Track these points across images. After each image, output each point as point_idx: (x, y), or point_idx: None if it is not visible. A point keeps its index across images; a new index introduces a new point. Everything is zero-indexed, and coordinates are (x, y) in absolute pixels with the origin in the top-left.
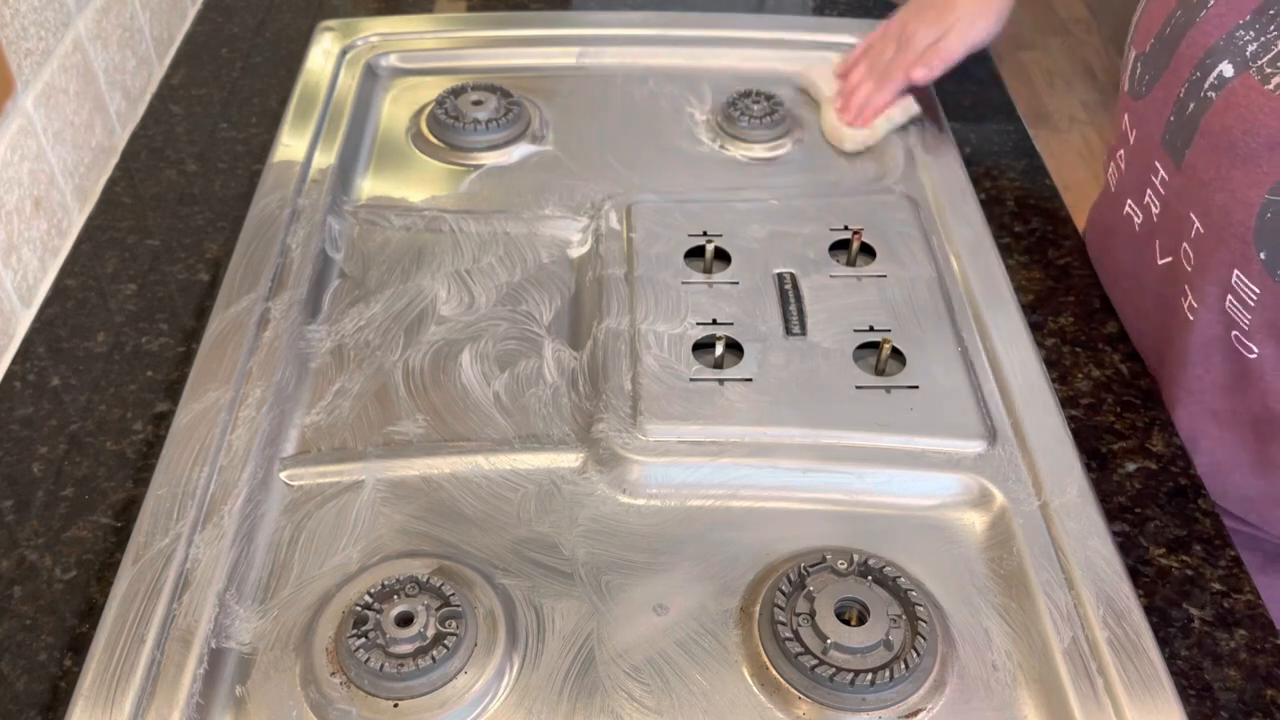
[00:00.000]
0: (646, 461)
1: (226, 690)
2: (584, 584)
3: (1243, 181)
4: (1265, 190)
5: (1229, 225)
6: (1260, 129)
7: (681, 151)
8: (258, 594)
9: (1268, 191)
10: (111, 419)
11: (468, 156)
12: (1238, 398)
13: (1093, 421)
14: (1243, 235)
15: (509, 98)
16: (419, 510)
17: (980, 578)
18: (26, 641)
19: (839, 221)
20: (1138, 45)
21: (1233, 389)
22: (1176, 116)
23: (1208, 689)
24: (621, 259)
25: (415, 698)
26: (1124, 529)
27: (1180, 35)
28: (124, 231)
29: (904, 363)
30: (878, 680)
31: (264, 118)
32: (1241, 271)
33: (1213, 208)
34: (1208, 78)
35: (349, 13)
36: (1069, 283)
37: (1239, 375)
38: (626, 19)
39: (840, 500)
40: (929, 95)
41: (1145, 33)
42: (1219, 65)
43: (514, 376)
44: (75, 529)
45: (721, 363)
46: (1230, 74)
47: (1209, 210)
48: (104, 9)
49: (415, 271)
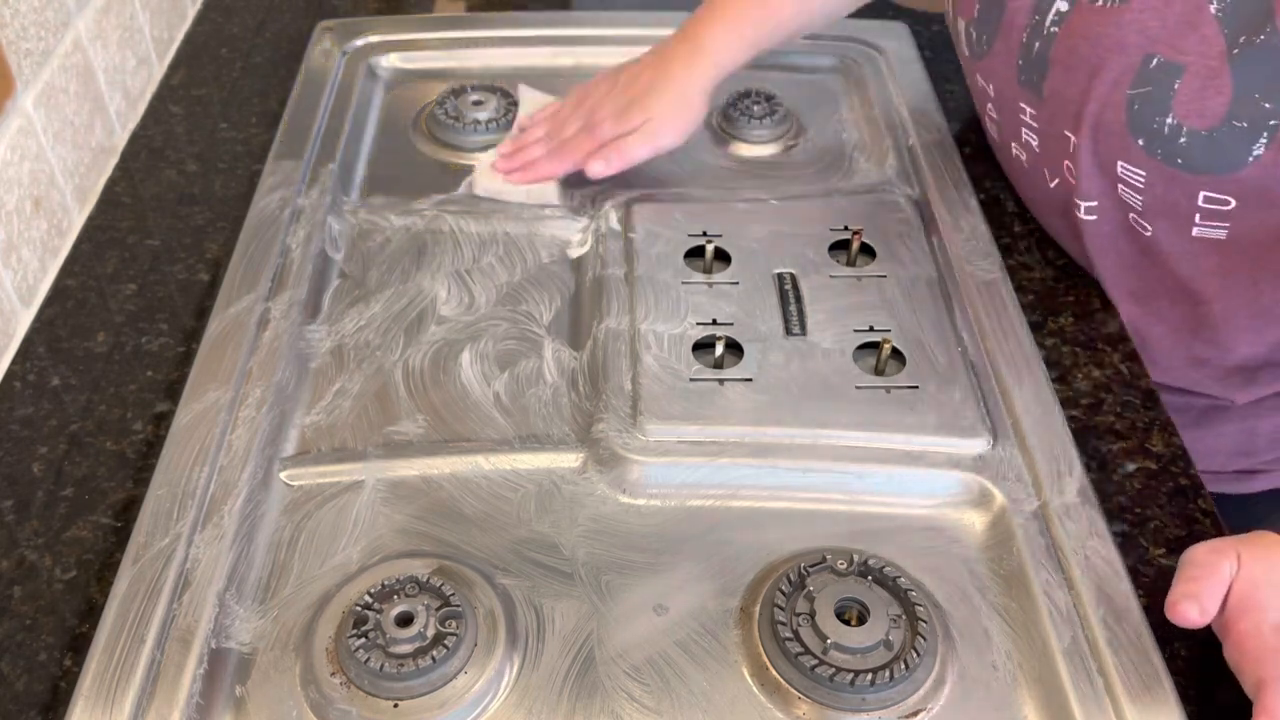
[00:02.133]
0: (646, 461)
1: (226, 690)
2: (584, 584)
3: (1103, 86)
4: (1126, 87)
5: (1104, 126)
6: (1102, 39)
7: (681, 151)
8: (258, 594)
9: (1129, 87)
10: (111, 419)
11: (468, 157)
12: (1147, 274)
13: (1093, 421)
14: (1119, 131)
15: (509, 98)
16: (419, 510)
17: (980, 578)
18: (26, 641)
19: (839, 221)
20: (963, 14)
21: (1140, 267)
22: (1024, 59)
23: (1208, 689)
24: (621, 259)
25: (415, 698)
26: (1124, 529)
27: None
28: (124, 231)
29: (904, 363)
30: (878, 680)
31: (264, 118)
32: (1124, 161)
33: (1085, 117)
34: (1046, 17)
35: (349, 13)
36: (1069, 283)
37: (1142, 252)
38: (626, 19)
39: (840, 500)
40: (929, 95)
41: (966, 4)
42: (1053, 5)
43: (514, 376)
44: (75, 529)
45: (721, 363)
46: (1066, 8)
47: (1082, 121)
48: (104, 9)
49: (415, 271)
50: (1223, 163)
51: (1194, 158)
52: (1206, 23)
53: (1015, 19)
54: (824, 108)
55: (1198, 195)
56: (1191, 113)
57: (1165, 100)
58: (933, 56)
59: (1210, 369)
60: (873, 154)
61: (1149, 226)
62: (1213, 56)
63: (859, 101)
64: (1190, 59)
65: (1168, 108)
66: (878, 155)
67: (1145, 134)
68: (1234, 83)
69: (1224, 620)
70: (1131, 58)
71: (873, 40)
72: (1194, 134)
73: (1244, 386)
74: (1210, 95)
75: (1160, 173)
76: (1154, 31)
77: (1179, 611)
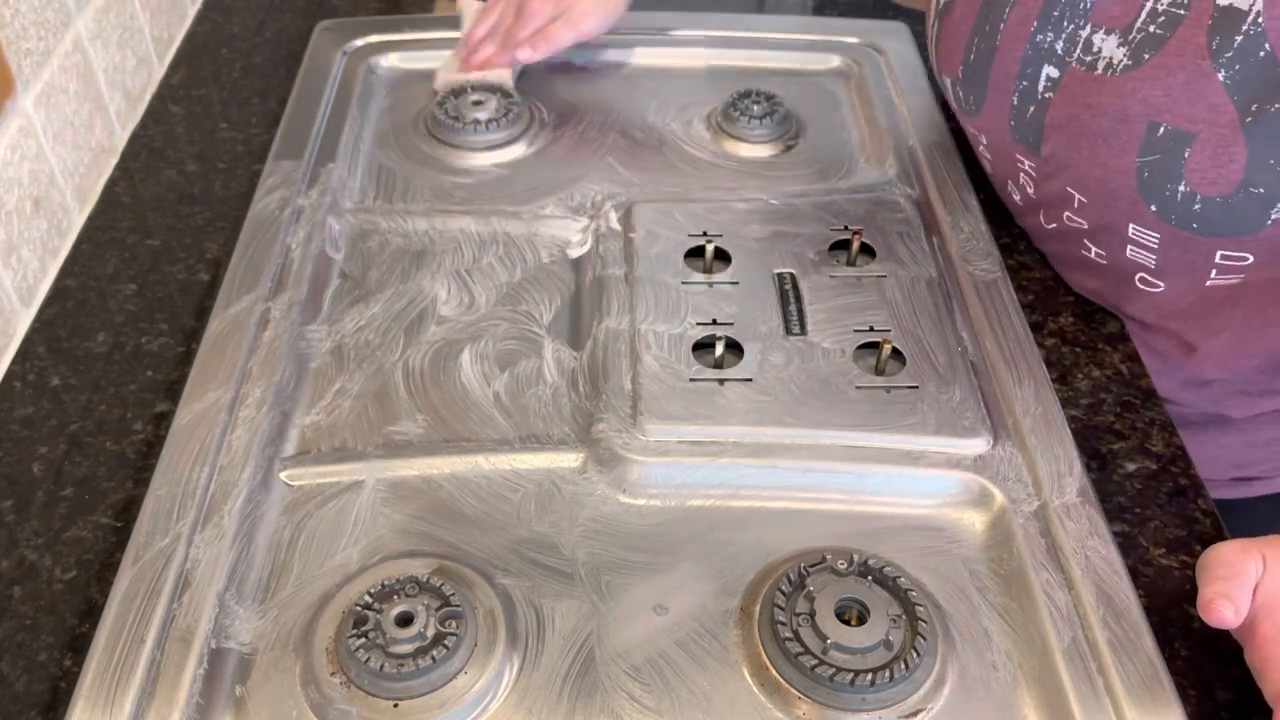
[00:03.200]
0: (646, 461)
1: (226, 690)
2: (584, 584)
3: (1110, 154)
4: (1134, 155)
5: (1112, 192)
6: (1107, 108)
7: (681, 151)
8: (258, 594)
9: (1137, 155)
10: (111, 419)
11: (468, 157)
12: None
13: (1093, 421)
14: (1128, 196)
15: (509, 98)
16: (419, 510)
17: (980, 578)
18: (26, 641)
19: (839, 221)
20: (948, 72)
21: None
22: (1017, 121)
23: (1208, 689)
24: (621, 259)
25: (415, 698)
26: (1124, 529)
27: (988, 60)
28: (124, 231)
29: (904, 363)
30: (878, 680)
31: (264, 118)
32: (1136, 224)
33: (1089, 181)
34: (1036, 84)
35: (349, 13)
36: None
37: (1151, 305)
38: (626, 19)
39: (840, 500)
40: (929, 95)
41: (950, 63)
42: (1041, 71)
43: (514, 376)
44: (75, 529)
45: (721, 363)
46: (1057, 75)
47: (1086, 184)
48: (104, 9)
49: (415, 271)
50: (1241, 227)
51: (1210, 223)
52: (1215, 91)
53: (1002, 83)
54: (824, 108)
55: (1214, 254)
56: (1204, 181)
57: (1177, 168)
58: None
59: (1208, 391)
60: (873, 154)
61: (1160, 284)
62: (1224, 125)
63: (859, 101)
64: (1200, 128)
65: (1180, 175)
66: (878, 155)
67: (1157, 200)
68: (1249, 150)
69: (1248, 624)
70: (1136, 126)
71: (873, 40)
72: (1209, 200)
73: (1241, 405)
74: (1223, 164)
75: (1174, 236)
76: (1159, 101)
77: (1214, 610)
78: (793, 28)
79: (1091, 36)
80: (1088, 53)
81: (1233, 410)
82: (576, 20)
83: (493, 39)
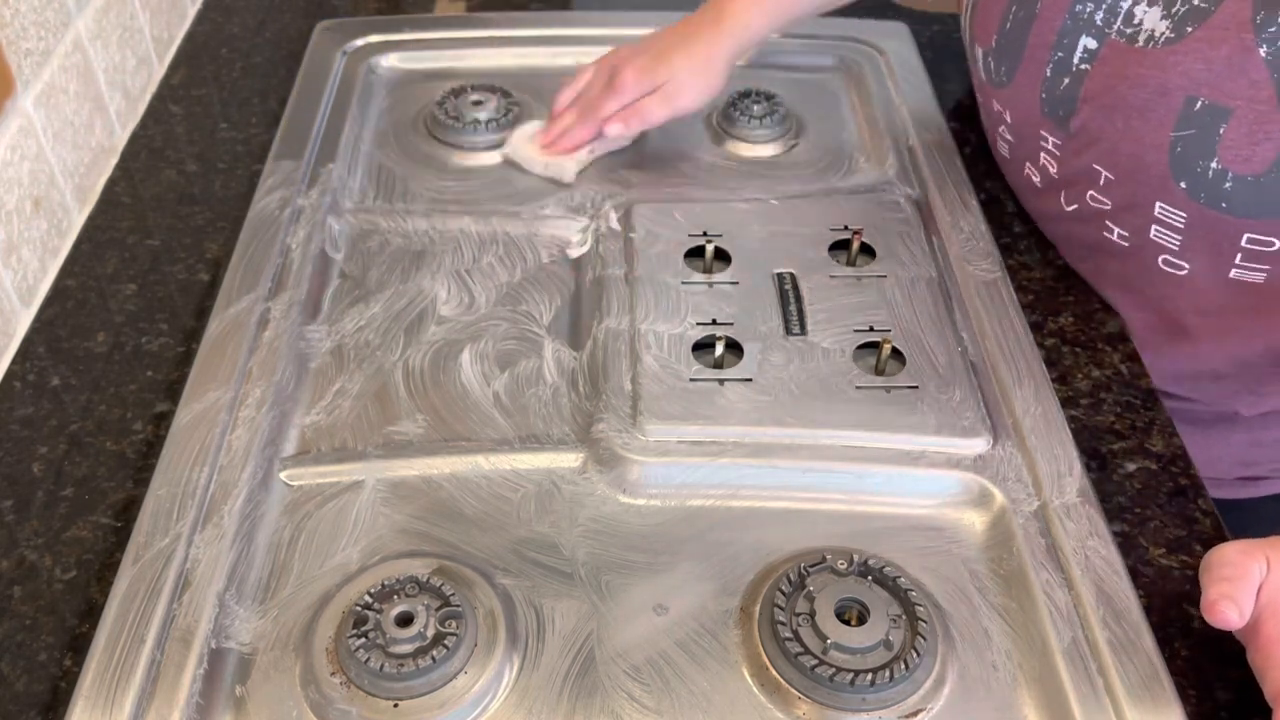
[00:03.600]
0: (646, 461)
1: (226, 690)
2: (584, 584)
3: (1145, 128)
4: (1170, 130)
5: (1143, 168)
6: (1146, 81)
7: (681, 151)
8: (258, 594)
9: (1172, 130)
10: (111, 419)
11: (468, 157)
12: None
13: (1093, 421)
14: (1159, 173)
15: (509, 98)
16: (419, 510)
17: (980, 578)
18: (26, 641)
19: (839, 221)
20: (980, 42)
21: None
22: (1049, 94)
23: (1208, 689)
24: (621, 259)
25: (415, 698)
26: (1124, 529)
27: (1025, 28)
28: (124, 231)
29: (904, 363)
30: (878, 680)
31: (264, 118)
32: (1164, 202)
33: (1121, 157)
34: (1073, 55)
35: (349, 13)
36: (1069, 283)
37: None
38: (626, 19)
39: (840, 500)
40: (929, 95)
41: (984, 30)
42: (1079, 42)
43: (514, 376)
44: (75, 529)
45: (721, 363)
46: (1095, 45)
47: (1117, 160)
48: (104, 9)
49: (415, 271)
50: (1270, 208)
51: (1239, 202)
52: (1256, 67)
53: (1037, 53)
54: (824, 108)
55: (1241, 237)
56: (1238, 158)
57: (1210, 144)
58: (933, 56)
59: (1219, 386)
60: (873, 154)
61: (1185, 265)
62: (1262, 101)
63: (859, 101)
64: (1239, 103)
65: (1212, 151)
66: (878, 155)
67: (1188, 177)
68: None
69: (1251, 624)
70: (1174, 100)
71: (873, 40)
72: (1240, 179)
73: (1251, 402)
74: (1259, 141)
75: (1202, 215)
76: (1199, 75)
77: (1219, 612)
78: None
79: (1134, 8)
80: (1129, 24)
81: (1242, 407)
82: (672, 95)
83: (576, 109)
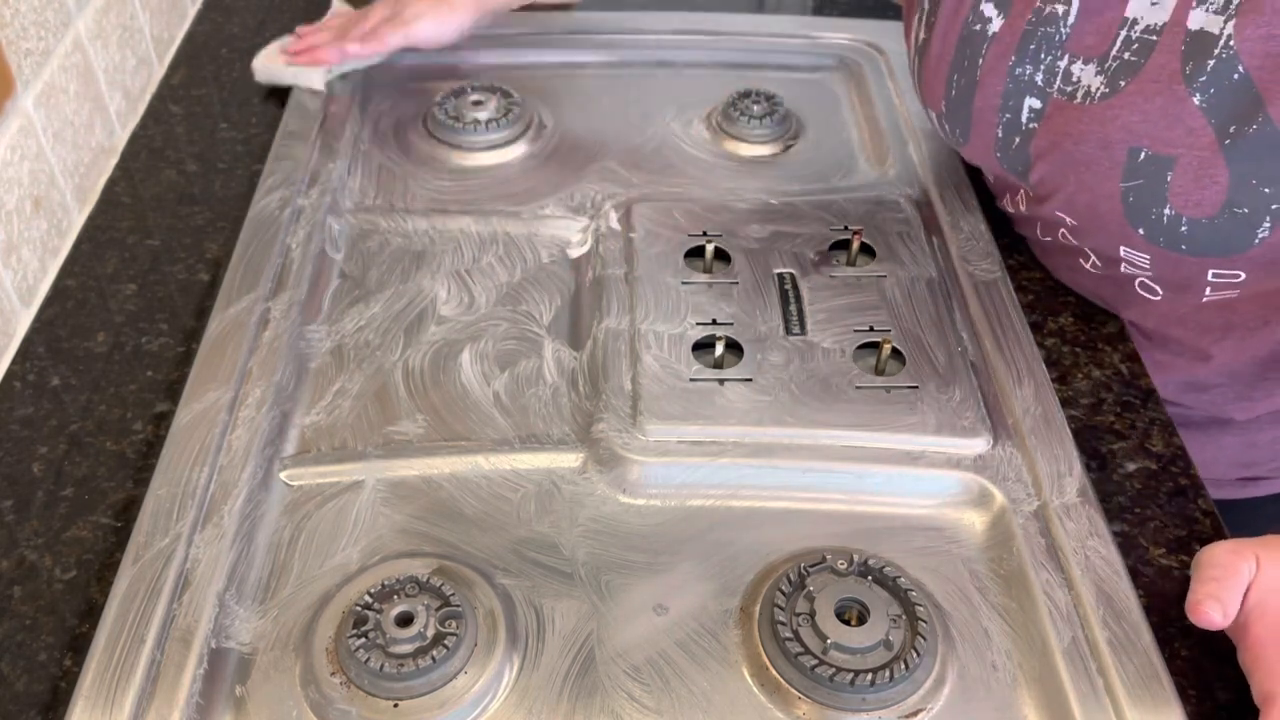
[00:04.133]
0: (646, 461)
1: (226, 690)
2: (584, 584)
3: (1096, 180)
4: (1119, 180)
5: (1099, 216)
6: (1088, 136)
7: (681, 151)
8: (258, 594)
9: (1121, 180)
10: (111, 419)
11: (468, 157)
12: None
13: (1093, 421)
14: (1115, 220)
15: (509, 98)
16: (419, 510)
17: (980, 578)
18: (26, 641)
19: (839, 221)
20: (932, 106)
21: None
22: (1003, 152)
23: (1208, 689)
24: (621, 259)
25: (415, 698)
26: (1124, 529)
27: (969, 94)
28: (124, 231)
29: (904, 363)
30: (878, 680)
31: (264, 118)
32: (1126, 246)
33: (1078, 205)
34: (1020, 115)
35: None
36: None
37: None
38: (626, 19)
39: (840, 500)
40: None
41: (933, 98)
42: (1024, 103)
43: (514, 376)
44: (75, 529)
45: (721, 363)
46: (1039, 105)
47: (1075, 208)
48: (104, 9)
49: (415, 271)
50: (1229, 247)
51: (1197, 243)
52: (1191, 115)
53: (985, 115)
54: (824, 108)
55: (1206, 272)
56: (1189, 204)
57: (1160, 191)
58: None
59: (1209, 395)
60: (873, 154)
61: (1159, 291)
62: (1203, 148)
63: (859, 101)
64: (1180, 151)
65: (1164, 199)
66: (878, 155)
67: (1144, 224)
68: (1230, 172)
69: (1240, 623)
70: (1118, 152)
71: (873, 40)
72: (1194, 222)
73: (1242, 408)
74: (1205, 186)
75: (1165, 257)
76: (1138, 127)
77: (1202, 612)
78: (793, 28)
79: (1070, 66)
80: (1067, 83)
81: (1234, 413)
82: (408, 20)
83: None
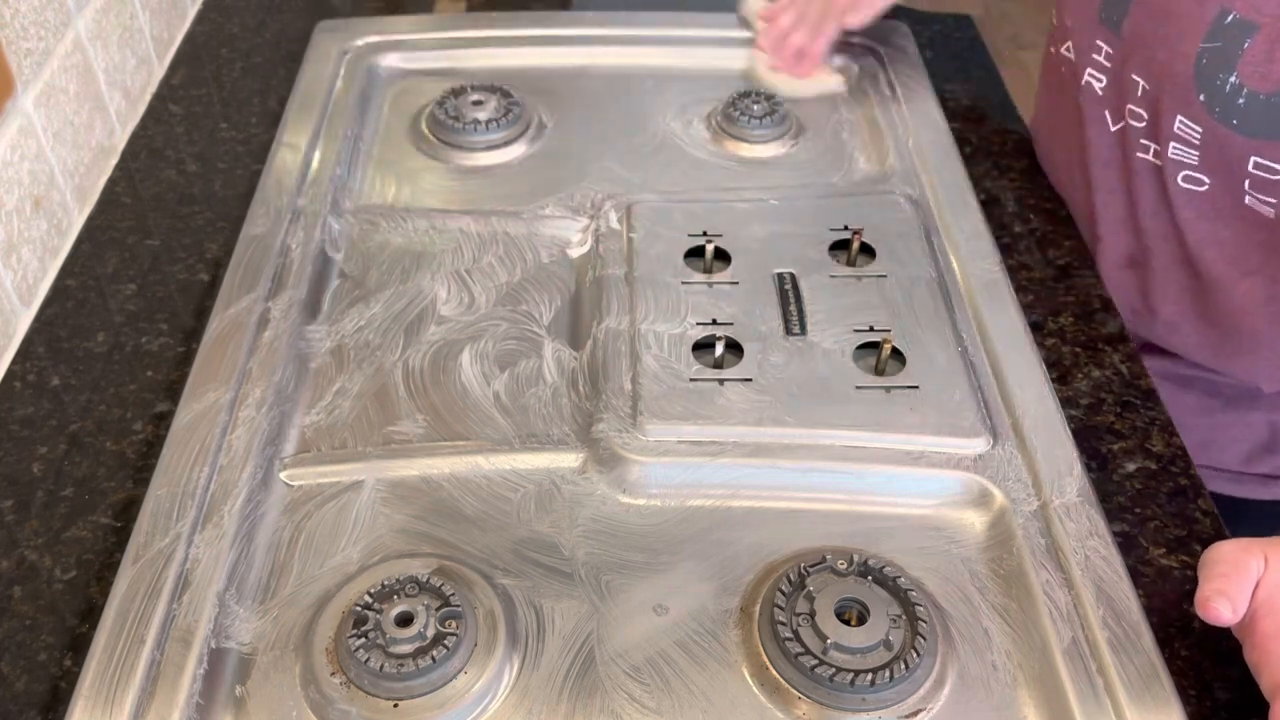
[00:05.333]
0: (646, 461)
1: (226, 690)
2: (584, 584)
3: (1178, 35)
4: (1199, 39)
5: (1171, 76)
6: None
7: (681, 151)
8: (258, 594)
9: (1202, 40)
10: (111, 419)
11: (468, 157)
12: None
13: (1093, 421)
14: (1184, 83)
15: (509, 98)
16: (419, 510)
17: (980, 578)
18: (26, 641)
19: (839, 221)
20: None
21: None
22: None
23: (1208, 689)
24: (621, 259)
25: (415, 698)
26: (1124, 529)
27: None
28: (124, 231)
29: (904, 363)
30: (878, 680)
31: (264, 118)
32: (1184, 116)
33: (1154, 65)
34: None
35: (349, 13)
36: (1069, 283)
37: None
38: (626, 19)
39: (840, 500)
40: (929, 95)
41: None
42: None
43: (514, 376)
44: (75, 529)
45: (721, 363)
46: None
47: (1151, 68)
48: (104, 9)
49: (415, 271)
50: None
51: (1249, 121)
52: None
53: None
54: (824, 107)
55: (1248, 160)
56: (1255, 75)
57: (1232, 58)
58: (933, 56)
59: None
60: (873, 154)
61: (1205, 180)
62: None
63: (859, 101)
64: (1266, 20)
65: (1233, 66)
66: (878, 155)
67: (1207, 90)
68: None
69: (1247, 621)
70: (1209, 11)
71: (873, 40)
72: (1253, 96)
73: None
74: (1275, 60)
75: (1215, 132)
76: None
77: (1211, 609)
78: None
79: None
80: None
81: (1264, 383)
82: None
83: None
